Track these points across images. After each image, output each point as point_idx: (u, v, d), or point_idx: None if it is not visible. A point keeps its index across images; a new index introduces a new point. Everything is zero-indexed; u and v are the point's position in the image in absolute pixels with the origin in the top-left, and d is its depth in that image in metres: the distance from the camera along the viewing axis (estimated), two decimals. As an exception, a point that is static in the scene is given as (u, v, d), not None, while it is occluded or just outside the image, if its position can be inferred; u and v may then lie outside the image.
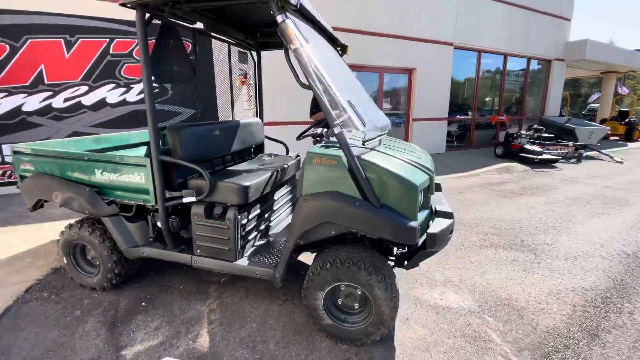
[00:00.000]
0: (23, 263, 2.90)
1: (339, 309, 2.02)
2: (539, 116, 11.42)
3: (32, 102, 4.98)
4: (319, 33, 2.42)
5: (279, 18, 1.60)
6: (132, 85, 5.62)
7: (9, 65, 4.73)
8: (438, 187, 2.69)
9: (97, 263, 2.48)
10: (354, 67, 7.78)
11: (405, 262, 2.16)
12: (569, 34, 11.67)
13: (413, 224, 1.70)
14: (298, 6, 1.64)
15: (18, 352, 1.91)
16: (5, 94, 4.77)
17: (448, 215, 1.96)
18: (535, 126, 9.32)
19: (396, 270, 2.73)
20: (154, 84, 2.06)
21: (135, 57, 5.55)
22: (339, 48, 3.02)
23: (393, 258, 2.27)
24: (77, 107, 5.27)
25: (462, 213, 4.36)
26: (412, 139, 8.93)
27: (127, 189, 2.25)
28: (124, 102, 5.59)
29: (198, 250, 2.22)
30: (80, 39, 5.12)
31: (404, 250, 2.30)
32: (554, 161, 7.92)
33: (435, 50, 8.63)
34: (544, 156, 7.74)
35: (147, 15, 1.97)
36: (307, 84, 1.68)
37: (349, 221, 1.75)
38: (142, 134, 3.43)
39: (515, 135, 8.46)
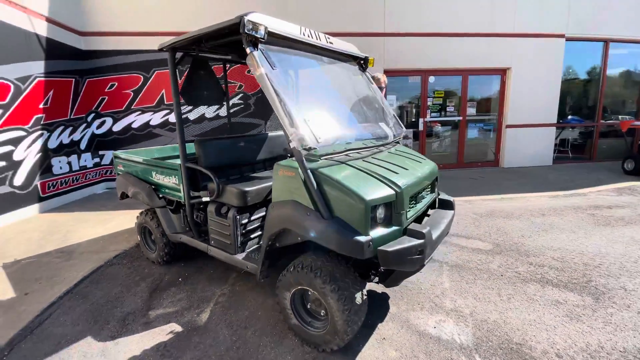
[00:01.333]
0: (122, 237, 3.97)
1: (308, 313, 2.14)
2: None
3: (156, 118, 6.61)
4: (324, 54, 2.59)
5: (248, 50, 1.87)
6: (223, 103, 6.79)
7: (143, 91, 6.43)
8: (448, 205, 2.50)
9: (156, 243, 3.23)
10: (430, 72, 7.38)
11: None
12: None
13: (361, 238, 1.71)
14: (264, 38, 1.88)
15: (91, 298, 2.73)
16: (139, 112, 6.51)
17: (418, 235, 1.85)
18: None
19: (397, 288, 2.65)
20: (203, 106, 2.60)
21: (229, 80, 6.69)
22: (362, 61, 3.09)
23: (376, 273, 2.24)
24: (185, 121, 6.71)
25: (525, 239, 3.69)
26: (505, 149, 7.80)
27: (169, 187, 2.90)
28: (217, 117, 6.82)
29: (212, 242, 2.68)
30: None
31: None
32: None
33: (538, 45, 7.35)
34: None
35: (180, 54, 2.53)
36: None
37: (303, 230, 1.87)
38: None
39: (655, 146, 6.45)
